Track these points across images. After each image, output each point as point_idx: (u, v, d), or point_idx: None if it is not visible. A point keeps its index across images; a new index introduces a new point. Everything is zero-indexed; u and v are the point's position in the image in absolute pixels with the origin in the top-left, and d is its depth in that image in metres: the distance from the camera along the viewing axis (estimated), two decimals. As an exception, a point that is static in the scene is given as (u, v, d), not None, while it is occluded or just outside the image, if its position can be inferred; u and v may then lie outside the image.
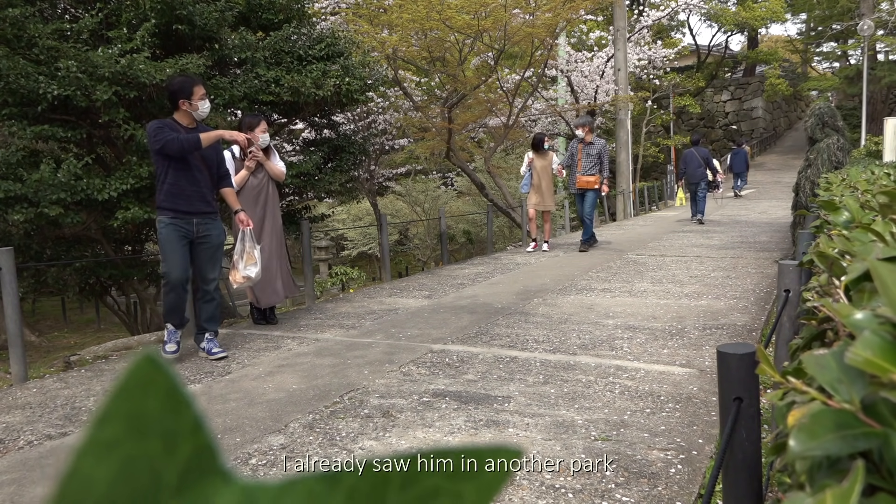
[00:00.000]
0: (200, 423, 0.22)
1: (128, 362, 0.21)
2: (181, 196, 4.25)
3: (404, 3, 10.82)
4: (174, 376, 0.21)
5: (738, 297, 5.60)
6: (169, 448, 0.21)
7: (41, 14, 5.93)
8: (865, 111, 19.14)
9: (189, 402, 0.22)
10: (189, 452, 0.21)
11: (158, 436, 0.21)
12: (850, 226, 1.63)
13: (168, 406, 0.21)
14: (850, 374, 0.59)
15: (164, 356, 0.22)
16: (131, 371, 0.21)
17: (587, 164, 9.06)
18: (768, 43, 37.87)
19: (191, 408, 0.22)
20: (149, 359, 0.21)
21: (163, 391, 0.21)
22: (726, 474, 1.29)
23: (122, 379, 0.21)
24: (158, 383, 0.21)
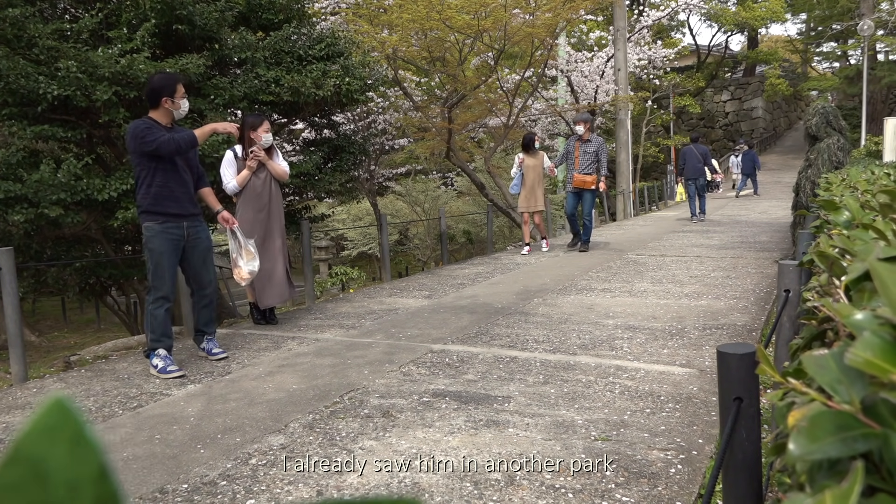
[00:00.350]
0: (106, 470, 0.22)
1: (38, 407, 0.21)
2: (171, 198, 4.09)
3: (404, 3, 10.81)
4: (83, 422, 0.21)
5: (739, 297, 5.59)
6: (72, 495, 0.21)
7: (41, 14, 5.93)
8: (865, 111, 19.14)
9: (97, 448, 0.22)
10: (92, 499, 0.21)
11: (63, 482, 0.21)
12: (851, 225, 1.63)
13: (75, 453, 0.21)
14: (849, 375, 0.59)
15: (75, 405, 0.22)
16: (41, 415, 0.21)
17: (584, 163, 8.82)
18: (768, 43, 37.86)
19: (97, 455, 0.21)
20: (59, 403, 0.21)
21: (71, 437, 0.21)
22: (726, 474, 1.29)
23: (31, 423, 0.21)
24: (66, 429, 0.21)
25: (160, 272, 4.06)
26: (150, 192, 4.03)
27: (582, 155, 8.85)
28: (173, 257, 4.11)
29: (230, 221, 4.54)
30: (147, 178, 4.04)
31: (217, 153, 5.84)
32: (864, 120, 18.87)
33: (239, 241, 4.62)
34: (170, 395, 3.67)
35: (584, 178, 8.79)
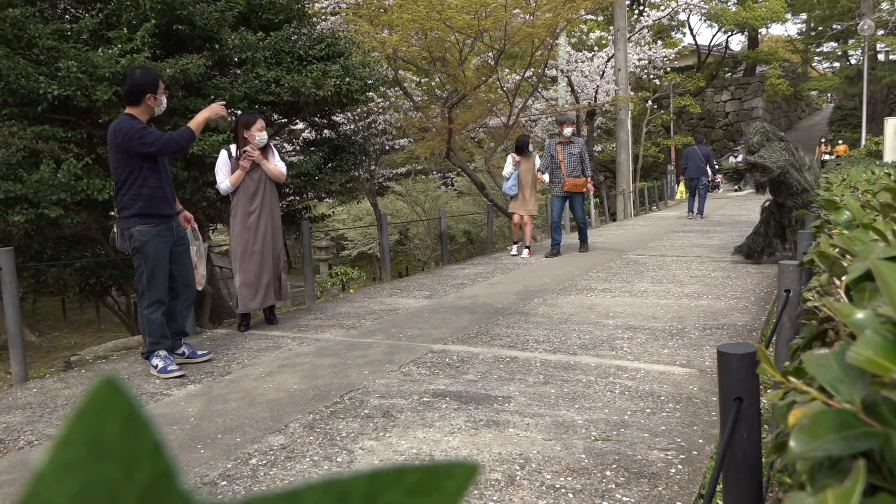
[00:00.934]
0: (160, 447, 0.22)
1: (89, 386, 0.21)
2: (164, 199, 4.00)
3: (404, 3, 10.81)
4: (134, 400, 0.22)
5: (739, 296, 5.59)
6: (127, 472, 0.21)
7: (41, 14, 5.93)
8: (866, 111, 19.13)
9: (149, 425, 0.22)
10: (148, 476, 0.21)
11: (117, 460, 0.21)
12: (851, 225, 1.63)
13: (128, 430, 0.21)
14: (850, 374, 0.59)
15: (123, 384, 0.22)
16: (92, 395, 0.21)
17: (571, 165, 8.62)
18: (768, 43, 37.86)
19: (150, 432, 0.22)
20: (109, 382, 0.22)
21: (123, 415, 0.21)
22: (727, 474, 1.29)
23: (83, 402, 0.21)
24: (119, 407, 0.21)
25: (156, 277, 3.96)
26: (142, 192, 3.90)
27: (567, 157, 8.64)
28: (167, 261, 4.04)
29: (191, 222, 4.45)
30: (137, 178, 3.88)
31: (217, 153, 5.83)
32: (865, 120, 18.87)
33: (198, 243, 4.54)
34: (170, 396, 3.66)
35: (576, 182, 8.61)
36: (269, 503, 0.22)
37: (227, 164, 5.03)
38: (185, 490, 0.22)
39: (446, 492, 0.24)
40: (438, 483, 0.24)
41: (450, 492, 0.24)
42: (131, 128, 3.80)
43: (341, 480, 0.23)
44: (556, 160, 8.69)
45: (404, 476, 0.23)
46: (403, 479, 0.23)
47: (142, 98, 3.89)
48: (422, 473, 0.24)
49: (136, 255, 3.96)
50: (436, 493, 0.24)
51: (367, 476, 0.23)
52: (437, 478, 0.24)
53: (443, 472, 0.24)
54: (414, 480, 0.24)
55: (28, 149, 5.70)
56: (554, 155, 8.72)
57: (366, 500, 0.23)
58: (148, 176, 3.91)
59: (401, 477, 0.23)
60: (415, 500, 0.23)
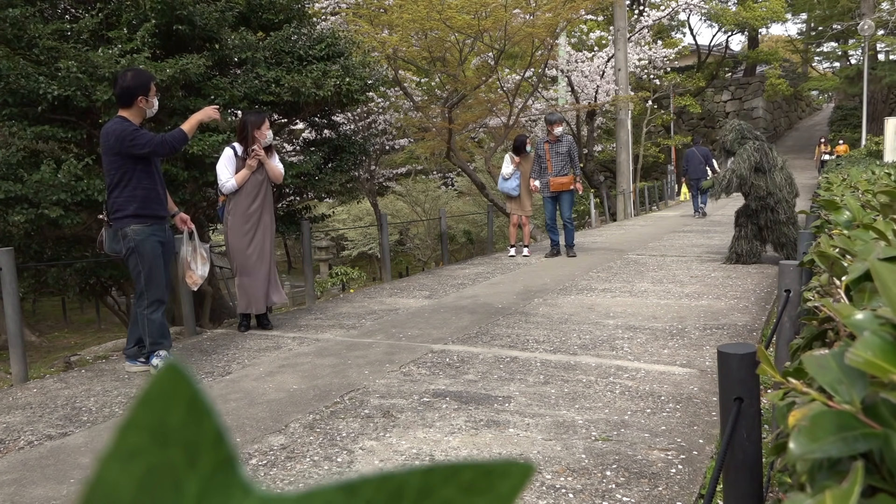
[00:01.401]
0: (223, 435, 0.22)
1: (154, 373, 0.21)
2: (158, 200, 3.98)
3: (404, 3, 10.82)
4: (198, 387, 0.22)
5: (739, 297, 5.59)
6: (191, 459, 0.21)
7: (41, 14, 5.93)
8: (866, 111, 19.14)
9: (212, 413, 0.22)
10: (211, 464, 0.22)
11: (181, 446, 0.21)
12: (852, 225, 1.63)
13: (191, 417, 0.22)
14: (850, 375, 0.59)
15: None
16: (156, 380, 0.21)
17: (558, 164, 8.43)
18: (768, 43, 37.85)
19: (214, 419, 0.22)
20: (173, 368, 0.22)
21: (186, 402, 0.22)
22: (727, 474, 1.29)
23: (147, 388, 0.21)
24: (182, 393, 0.22)
25: (154, 276, 3.94)
26: (136, 194, 3.89)
27: (554, 157, 8.46)
28: (161, 262, 4.00)
29: (189, 223, 4.39)
30: (131, 180, 3.87)
31: (217, 153, 5.83)
32: (865, 120, 18.87)
33: (195, 243, 4.45)
34: (170, 396, 3.66)
35: (561, 181, 8.44)
36: (325, 495, 0.23)
37: (232, 162, 4.97)
38: (246, 479, 0.22)
39: (500, 491, 0.24)
40: (493, 482, 0.24)
41: (504, 492, 0.24)
42: (123, 130, 3.78)
43: (396, 475, 0.23)
44: (543, 159, 8.55)
45: (459, 473, 0.23)
46: (458, 476, 0.23)
47: (133, 100, 3.88)
48: (477, 471, 0.24)
49: (131, 255, 3.93)
50: (490, 492, 0.24)
51: (422, 472, 0.23)
52: (492, 477, 0.24)
53: (498, 472, 0.24)
54: (468, 478, 0.24)
55: (28, 149, 5.70)
56: (542, 154, 8.58)
57: (420, 496, 0.23)
58: (142, 177, 3.90)
59: (455, 474, 0.23)
60: (469, 498, 0.23)
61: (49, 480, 2.66)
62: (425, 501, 0.23)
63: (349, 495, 0.22)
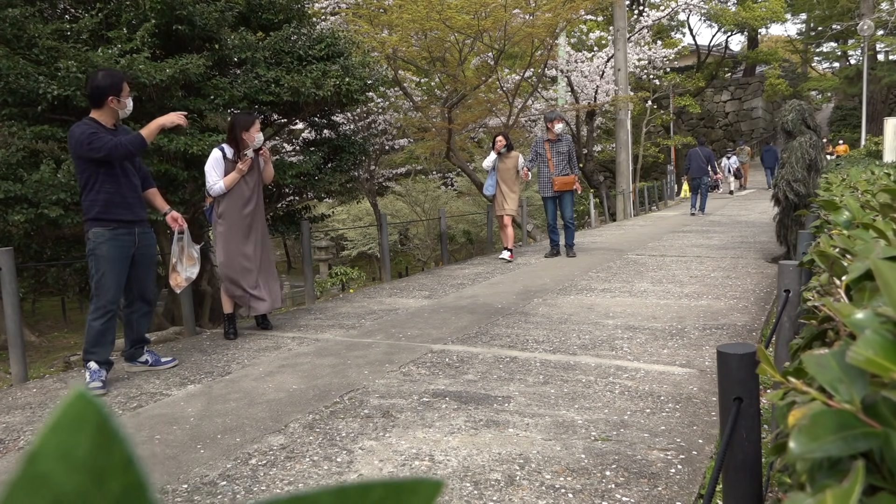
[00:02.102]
0: (131, 459, 0.22)
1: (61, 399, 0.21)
2: (122, 205, 3.85)
3: (404, 3, 10.82)
4: (106, 413, 0.22)
5: (739, 297, 5.59)
6: (99, 484, 0.21)
7: (41, 14, 5.93)
8: (865, 111, 19.14)
9: (120, 438, 0.22)
10: (119, 489, 0.22)
11: (89, 472, 0.21)
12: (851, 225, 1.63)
13: (99, 443, 0.22)
14: (850, 374, 0.59)
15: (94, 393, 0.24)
16: (64, 407, 0.22)
17: (560, 164, 8.29)
18: (768, 43, 37.86)
19: (122, 444, 0.22)
20: (81, 396, 0.22)
21: (94, 428, 0.22)
22: (726, 474, 1.29)
23: (55, 415, 0.21)
24: (90, 420, 0.22)
25: (105, 281, 3.81)
26: (98, 198, 3.79)
27: (556, 156, 8.30)
28: (122, 265, 3.87)
29: (180, 222, 4.26)
30: (95, 184, 3.79)
31: (217, 153, 5.83)
32: (864, 120, 18.87)
33: (185, 244, 4.32)
34: (169, 396, 3.66)
35: (565, 180, 8.30)
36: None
37: (221, 164, 4.81)
38: (155, 502, 0.22)
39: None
40: (403, 499, 0.24)
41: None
42: (81, 133, 3.70)
43: (308, 495, 0.23)
44: (544, 158, 8.36)
45: (370, 491, 0.24)
46: (369, 494, 0.24)
47: (104, 100, 3.79)
48: (387, 489, 0.24)
49: (90, 257, 3.86)
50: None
51: (334, 491, 0.23)
52: (402, 493, 0.24)
53: (408, 488, 0.24)
54: (379, 496, 0.24)
55: (28, 149, 5.71)
56: (541, 153, 8.37)
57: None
58: (104, 181, 3.79)
59: (366, 492, 0.24)
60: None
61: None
62: None
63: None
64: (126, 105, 3.87)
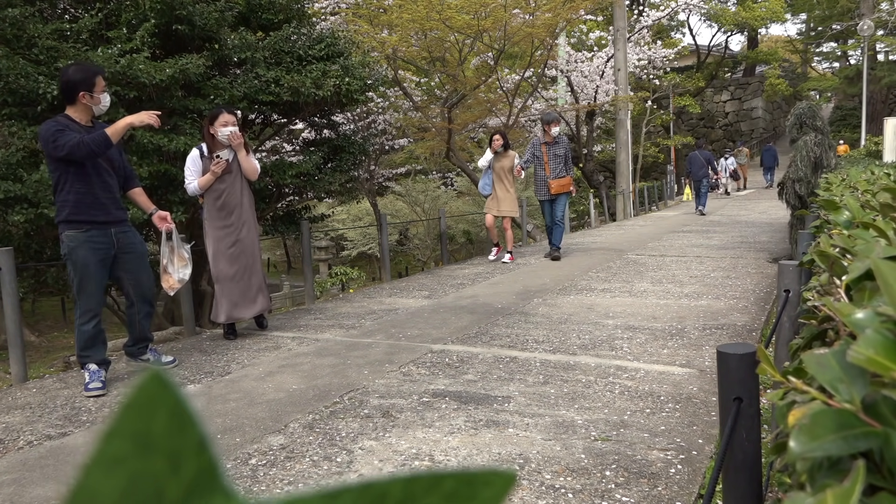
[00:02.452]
0: (205, 442, 0.22)
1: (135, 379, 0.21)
2: (94, 205, 3.68)
3: (404, 3, 10.82)
4: (181, 394, 0.22)
5: (738, 297, 5.59)
6: (174, 466, 0.21)
7: (41, 14, 5.93)
8: (865, 111, 19.14)
9: (195, 420, 0.22)
10: (193, 471, 0.22)
11: (164, 454, 0.21)
12: (851, 225, 1.63)
13: (174, 424, 0.22)
14: (850, 374, 0.59)
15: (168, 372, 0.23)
16: (139, 388, 0.22)
17: (556, 167, 8.17)
18: (768, 43, 37.87)
19: (196, 427, 0.22)
20: (156, 376, 0.22)
21: (169, 409, 0.22)
22: (726, 474, 1.29)
23: (130, 396, 0.21)
24: (165, 401, 0.22)
25: (85, 285, 3.70)
26: (68, 199, 3.64)
27: (553, 159, 8.18)
28: (100, 269, 3.74)
29: (167, 221, 4.09)
30: (66, 184, 3.63)
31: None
32: (864, 120, 18.87)
33: (174, 244, 4.17)
34: (169, 395, 3.66)
35: (561, 182, 8.18)
36: (306, 502, 0.23)
37: (197, 163, 4.64)
38: (229, 486, 0.22)
39: (483, 499, 0.24)
40: (475, 490, 0.24)
41: (487, 499, 0.24)
42: (47, 131, 3.56)
43: (379, 483, 0.23)
44: (541, 161, 8.23)
45: (441, 482, 0.23)
46: (440, 484, 0.23)
47: (76, 96, 3.65)
48: (459, 480, 0.24)
49: (66, 261, 3.74)
50: (473, 500, 0.24)
51: (405, 480, 0.23)
52: (475, 485, 0.24)
53: (480, 480, 0.24)
54: (451, 487, 0.23)
55: (28, 148, 5.70)
56: (538, 155, 8.26)
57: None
58: (74, 181, 3.64)
59: (438, 482, 0.23)
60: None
61: (48, 480, 2.66)
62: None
63: (330, 503, 0.22)
64: (101, 101, 3.70)
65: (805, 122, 6.91)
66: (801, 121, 6.91)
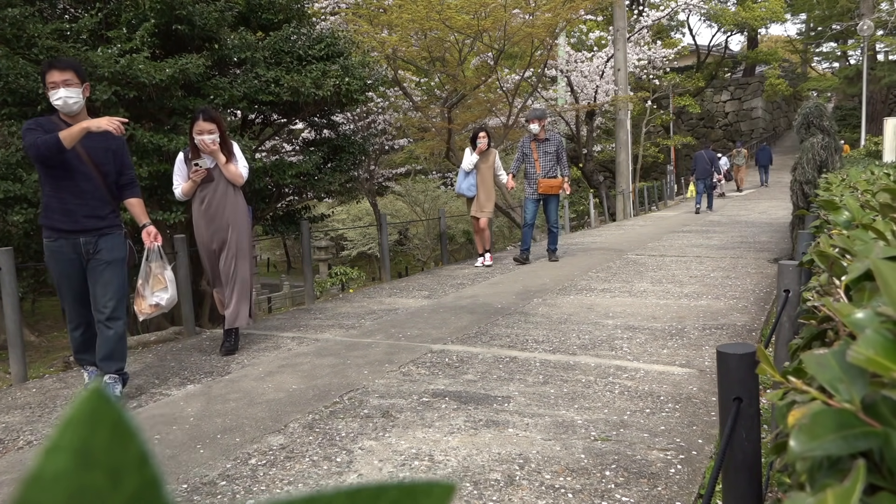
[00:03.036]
0: (147, 456, 0.22)
1: (76, 395, 0.21)
2: (62, 211, 3.46)
3: (404, 3, 10.82)
4: (122, 410, 0.22)
5: (738, 297, 5.59)
6: (115, 481, 0.21)
7: (41, 14, 5.93)
8: (865, 111, 19.15)
9: (136, 435, 0.22)
10: (135, 485, 0.22)
11: (105, 468, 0.21)
12: (851, 225, 1.63)
13: (115, 439, 0.22)
14: (850, 374, 0.59)
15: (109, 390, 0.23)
16: (79, 404, 0.22)
17: (547, 165, 7.83)
18: (768, 43, 37.88)
19: (137, 441, 0.22)
20: (97, 392, 0.22)
21: (111, 424, 0.22)
22: (726, 474, 1.29)
23: (71, 411, 0.21)
24: (107, 416, 0.22)
25: (62, 294, 3.59)
26: (43, 202, 3.51)
27: (542, 156, 7.82)
28: (67, 281, 3.54)
29: (153, 238, 3.79)
30: (43, 186, 3.49)
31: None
32: (864, 120, 18.88)
33: (153, 264, 3.81)
34: (169, 396, 3.66)
35: (551, 183, 7.84)
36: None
37: (181, 168, 4.46)
38: (170, 500, 0.22)
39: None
40: (417, 501, 0.24)
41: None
42: (23, 129, 3.42)
43: (324, 495, 0.23)
44: (531, 159, 7.91)
45: (384, 493, 0.24)
46: (382, 496, 0.24)
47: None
48: (400, 491, 0.24)
49: None
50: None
51: (347, 493, 0.24)
52: (416, 495, 0.24)
53: (421, 491, 0.24)
54: (393, 498, 0.24)
55: (27, 149, 5.70)
56: (528, 153, 7.93)
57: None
58: (45, 184, 3.47)
59: (380, 494, 0.24)
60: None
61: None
62: None
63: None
64: (53, 97, 3.39)
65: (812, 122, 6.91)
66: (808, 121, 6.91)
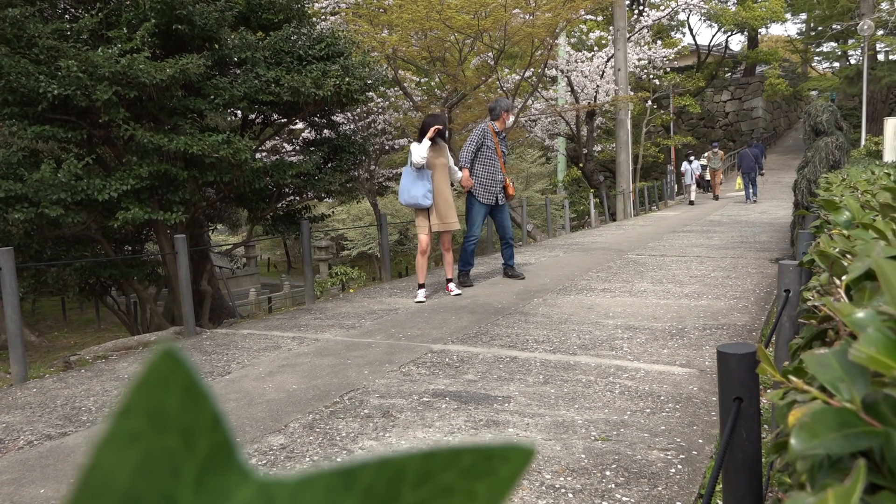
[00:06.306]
0: (219, 419, 0.22)
1: (148, 356, 0.21)
2: None
3: (404, 3, 10.82)
4: (194, 371, 0.22)
5: (739, 297, 5.59)
6: (188, 443, 0.21)
7: (41, 14, 5.94)
8: (865, 111, 19.14)
9: (208, 397, 0.22)
10: (208, 448, 0.21)
11: (178, 431, 0.21)
12: (851, 225, 1.63)
13: (188, 401, 0.21)
14: (851, 373, 0.59)
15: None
16: (152, 365, 0.21)
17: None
18: (768, 43, 37.88)
19: (210, 404, 0.22)
20: (169, 353, 0.21)
21: (183, 386, 0.21)
22: (726, 474, 1.29)
23: (143, 373, 0.21)
24: (179, 378, 0.21)
25: None
26: None
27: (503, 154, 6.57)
28: None
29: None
30: None
31: (217, 153, 5.84)
32: (864, 120, 18.87)
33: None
34: (169, 395, 3.66)
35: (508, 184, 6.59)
36: (324, 479, 0.22)
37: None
38: (243, 463, 0.22)
39: (501, 475, 0.24)
40: (493, 466, 0.24)
41: (504, 475, 0.24)
42: None
43: (396, 459, 0.23)
44: (492, 153, 6.44)
45: (459, 457, 0.23)
46: (458, 460, 0.23)
47: None
48: (477, 455, 0.24)
49: None
50: (490, 475, 0.24)
51: (422, 456, 0.23)
52: (493, 460, 0.24)
53: (498, 455, 0.24)
54: (469, 462, 0.23)
55: (28, 148, 5.71)
56: (489, 145, 6.44)
57: (419, 480, 0.23)
58: None
59: (455, 458, 0.23)
60: (469, 482, 0.23)
61: (48, 480, 2.66)
62: (425, 486, 0.23)
63: (348, 480, 0.22)
64: None
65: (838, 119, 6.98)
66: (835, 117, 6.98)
